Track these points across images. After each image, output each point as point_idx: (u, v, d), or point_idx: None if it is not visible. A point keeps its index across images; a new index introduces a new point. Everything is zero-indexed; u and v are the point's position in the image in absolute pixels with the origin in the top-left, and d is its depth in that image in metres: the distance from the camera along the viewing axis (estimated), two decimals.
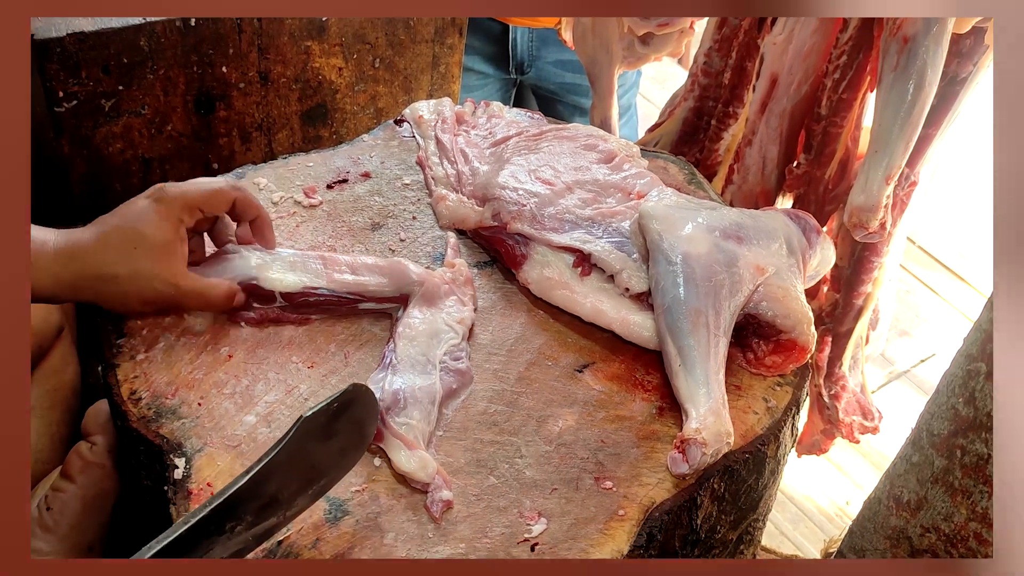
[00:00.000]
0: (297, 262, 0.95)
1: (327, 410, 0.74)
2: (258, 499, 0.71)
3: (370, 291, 0.94)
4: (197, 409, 0.87)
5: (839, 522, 2.34)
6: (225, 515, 0.69)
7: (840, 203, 1.37)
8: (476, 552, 0.78)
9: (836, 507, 2.40)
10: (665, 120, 1.51)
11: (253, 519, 0.71)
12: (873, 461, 2.49)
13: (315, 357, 0.92)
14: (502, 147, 1.12)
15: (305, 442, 0.73)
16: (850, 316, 1.36)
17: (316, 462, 0.75)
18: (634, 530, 0.81)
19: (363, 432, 0.79)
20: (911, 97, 1.03)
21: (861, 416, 1.40)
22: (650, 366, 0.95)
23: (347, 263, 0.95)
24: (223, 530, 0.69)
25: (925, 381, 2.73)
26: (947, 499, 0.71)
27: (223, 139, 1.28)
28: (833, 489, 2.44)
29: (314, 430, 0.73)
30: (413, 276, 0.95)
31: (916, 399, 2.67)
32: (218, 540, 0.69)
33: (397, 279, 0.95)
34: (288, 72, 1.27)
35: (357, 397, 0.76)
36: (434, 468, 0.82)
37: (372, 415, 0.79)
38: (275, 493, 0.72)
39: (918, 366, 2.79)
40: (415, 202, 1.10)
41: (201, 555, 0.68)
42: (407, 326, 0.92)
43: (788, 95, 1.34)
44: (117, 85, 1.15)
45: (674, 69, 3.73)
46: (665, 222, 0.96)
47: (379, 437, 0.83)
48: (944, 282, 3.08)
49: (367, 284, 0.94)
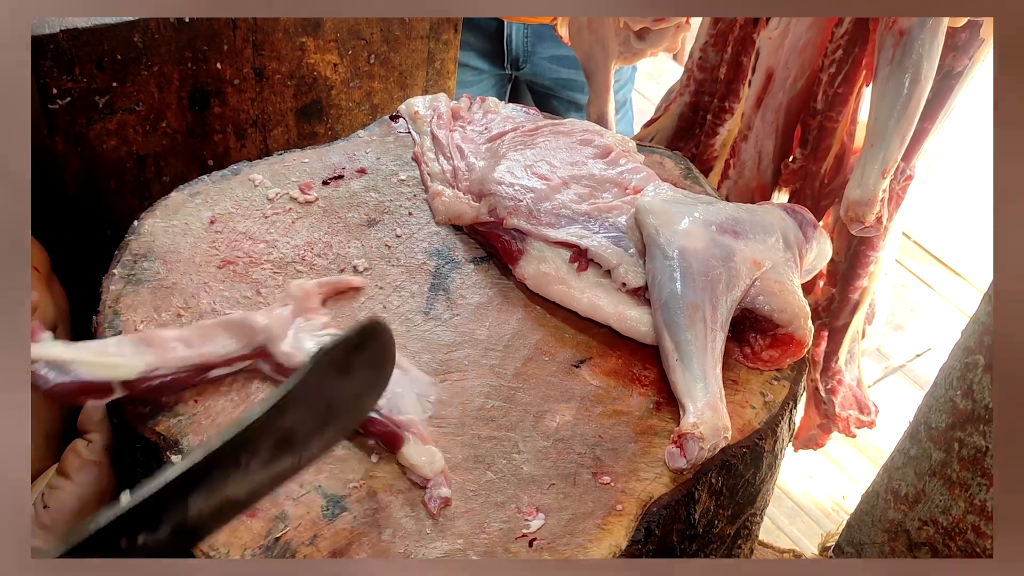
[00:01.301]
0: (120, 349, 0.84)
1: (345, 344, 0.71)
2: (274, 433, 0.68)
3: (218, 357, 0.86)
4: (194, 406, 0.86)
5: (836, 517, 2.35)
6: (240, 447, 0.66)
7: (836, 198, 1.37)
8: (474, 548, 0.78)
9: (832, 502, 2.41)
10: (661, 116, 1.51)
11: (269, 457, 0.68)
12: (869, 456, 2.49)
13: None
14: (498, 143, 1.12)
15: (322, 376, 0.70)
16: (846, 310, 1.36)
17: (333, 400, 0.72)
18: (632, 525, 0.81)
19: (381, 371, 0.76)
20: (907, 91, 1.03)
21: (857, 410, 1.40)
22: (647, 361, 0.95)
23: (178, 336, 0.86)
24: (239, 463, 0.66)
25: (921, 376, 2.74)
26: (945, 492, 0.71)
27: (218, 136, 1.28)
28: (829, 484, 2.45)
29: (332, 365, 0.70)
30: (261, 322, 0.87)
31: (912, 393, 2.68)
32: (234, 474, 0.66)
33: (247, 335, 0.87)
34: (283, 68, 1.27)
35: (376, 332, 0.73)
36: (441, 465, 0.81)
37: (390, 354, 0.76)
38: (291, 429, 0.69)
39: (913, 361, 2.80)
40: (411, 198, 1.10)
41: (216, 488, 0.65)
42: (296, 362, 0.86)
43: (784, 89, 1.34)
44: (111, 82, 1.15)
45: (669, 65, 3.73)
46: (662, 217, 0.96)
47: (396, 440, 0.83)
48: (939, 277, 3.09)
49: (211, 351, 0.86)
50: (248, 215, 1.04)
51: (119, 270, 0.97)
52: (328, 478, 0.82)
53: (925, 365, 2.77)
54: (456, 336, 0.95)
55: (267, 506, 0.79)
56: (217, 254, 1.00)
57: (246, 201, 1.06)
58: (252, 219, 1.04)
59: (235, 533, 0.77)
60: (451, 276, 1.01)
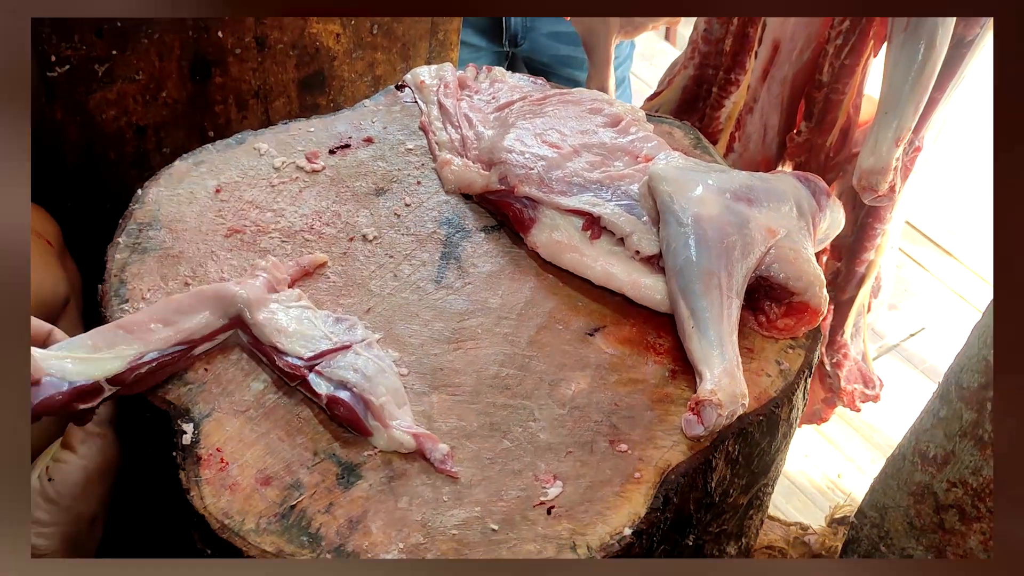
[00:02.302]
0: (98, 343, 0.81)
1: None
2: None
3: (199, 332, 0.84)
4: (204, 375, 0.85)
5: (831, 495, 2.36)
6: None
7: (841, 171, 1.36)
8: (492, 515, 0.77)
9: (828, 480, 2.42)
10: (664, 88, 1.50)
11: None
12: (865, 435, 2.50)
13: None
14: (506, 111, 1.11)
15: None
16: (852, 284, 1.35)
17: None
18: (651, 493, 0.81)
19: None
20: (922, 57, 1.02)
21: (863, 384, 1.40)
22: (662, 329, 0.94)
23: (155, 317, 0.84)
24: None
25: (915, 355, 2.75)
26: (976, 452, 0.71)
27: (219, 106, 1.26)
28: (825, 463, 2.46)
29: None
30: (238, 292, 0.86)
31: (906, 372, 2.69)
32: None
33: (223, 305, 0.86)
34: (285, 38, 1.25)
35: None
36: (411, 442, 0.80)
37: None
38: None
39: (907, 340, 2.81)
40: (419, 167, 1.08)
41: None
42: (272, 330, 0.85)
43: (790, 62, 1.33)
44: (111, 50, 1.13)
45: (662, 46, 3.72)
46: (675, 184, 0.95)
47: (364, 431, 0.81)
48: (933, 257, 3.10)
49: (192, 327, 0.84)
50: (254, 184, 1.03)
51: (124, 239, 0.95)
52: (343, 446, 0.81)
53: (919, 345, 2.78)
54: (469, 304, 0.94)
55: (282, 474, 0.78)
56: (224, 223, 0.98)
57: (252, 170, 1.04)
58: (258, 188, 1.02)
59: (250, 501, 0.76)
60: (462, 245, 1.00)
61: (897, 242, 1.38)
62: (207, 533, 0.75)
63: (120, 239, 0.95)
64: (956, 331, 2.67)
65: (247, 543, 0.74)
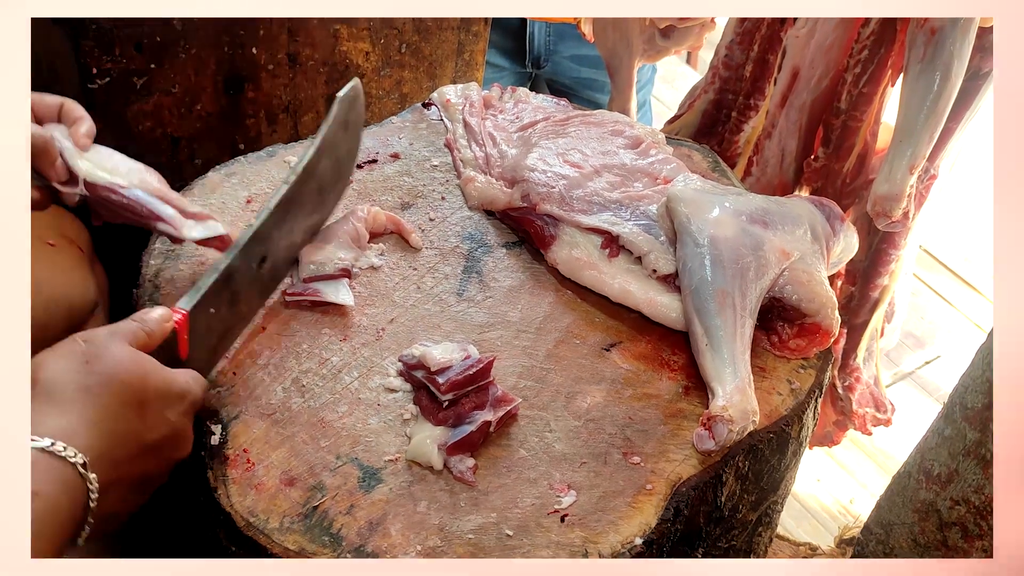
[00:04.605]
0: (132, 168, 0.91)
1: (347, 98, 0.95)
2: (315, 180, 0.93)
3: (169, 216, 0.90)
4: (232, 379, 0.88)
5: (842, 520, 2.36)
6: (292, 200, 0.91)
7: (857, 197, 1.38)
8: (507, 521, 0.80)
9: (840, 505, 2.42)
10: (685, 112, 1.52)
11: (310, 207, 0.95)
12: (877, 461, 2.50)
13: (347, 331, 0.93)
14: (530, 131, 1.14)
15: (336, 128, 0.94)
16: (866, 308, 1.37)
17: (339, 154, 0.97)
18: (662, 504, 0.83)
19: (358, 132, 1.02)
20: (937, 88, 1.05)
21: (874, 408, 1.41)
22: (676, 347, 0.96)
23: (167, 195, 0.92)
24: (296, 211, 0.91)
25: (929, 383, 2.75)
26: (979, 471, 0.72)
27: (250, 120, 1.29)
28: (837, 487, 2.46)
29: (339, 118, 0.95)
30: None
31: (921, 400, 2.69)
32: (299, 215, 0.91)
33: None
34: (316, 55, 1.29)
35: (358, 92, 0.98)
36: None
37: (363, 115, 1.02)
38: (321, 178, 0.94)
39: (923, 368, 2.81)
40: (443, 183, 1.11)
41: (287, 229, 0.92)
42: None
43: (808, 88, 1.35)
44: (149, 63, 1.17)
45: (683, 69, 3.74)
46: (693, 205, 0.97)
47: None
48: (948, 286, 3.10)
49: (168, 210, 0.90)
50: None
51: (159, 246, 0.98)
52: (364, 451, 0.83)
53: (934, 373, 2.78)
54: (489, 317, 0.97)
55: (305, 476, 0.81)
56: None
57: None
58: None
59: (275, 501, 0.79)
60: (484, 259, 1.03)
61: (911, 268, 1.40)
62: (232, 531, 0.78)
63: (155, 246, 0.98)
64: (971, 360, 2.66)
65: (271, 541, 0.76)
